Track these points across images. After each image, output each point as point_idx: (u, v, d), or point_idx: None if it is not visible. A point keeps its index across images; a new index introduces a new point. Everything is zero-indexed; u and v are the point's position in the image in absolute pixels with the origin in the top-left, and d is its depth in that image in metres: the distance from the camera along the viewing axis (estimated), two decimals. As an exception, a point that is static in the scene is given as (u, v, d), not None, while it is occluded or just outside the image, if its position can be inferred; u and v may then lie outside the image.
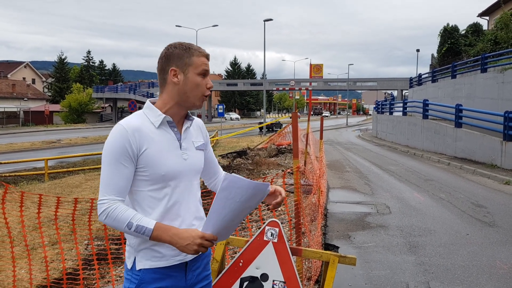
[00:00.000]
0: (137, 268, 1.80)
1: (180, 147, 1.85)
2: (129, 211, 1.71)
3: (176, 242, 1.70)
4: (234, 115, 74.52)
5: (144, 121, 1.80)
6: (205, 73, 1.83)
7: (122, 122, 1.77)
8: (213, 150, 2.27)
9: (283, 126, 28.23)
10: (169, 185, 1.80)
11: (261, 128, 35.78)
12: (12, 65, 70.85)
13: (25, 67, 69.54)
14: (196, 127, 2.01)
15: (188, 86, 1.81)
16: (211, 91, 1.90)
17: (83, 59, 78.97)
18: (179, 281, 1.86)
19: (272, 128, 37.86)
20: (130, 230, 1.68)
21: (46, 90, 72.01)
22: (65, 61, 71.28)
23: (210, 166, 2.10)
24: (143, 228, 1.68)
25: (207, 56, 1.86)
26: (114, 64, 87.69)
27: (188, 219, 1.85)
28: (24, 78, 66.49)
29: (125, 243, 1.92)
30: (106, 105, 63.80)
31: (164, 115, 1.81)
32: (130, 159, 1.73)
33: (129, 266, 1.84)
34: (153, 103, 1.88)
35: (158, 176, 1.77)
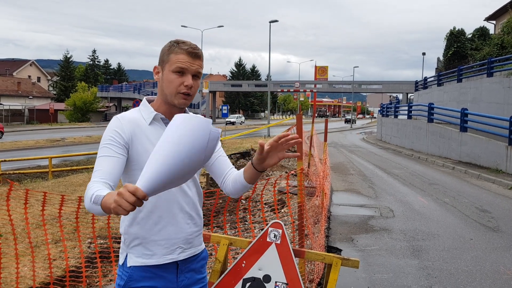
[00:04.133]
0: (128, 265, 1.79)
1: None
2: (97, 185, 1.57)
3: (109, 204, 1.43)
4: (241, 117, 63.23)
5: (139, 117, 1.82)
6: (180, 71, 1.77)
7: (118, 115, 1.82)
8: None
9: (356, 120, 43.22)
10: None
11: (347, 121, 47.46)
12: (18, 63, 71.20)
13: (30, 65, 69.87)
14: None
15: (164, 83, 1.81)
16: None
17: (89, 58, 79.26)
18: (170, 282, 1.82)
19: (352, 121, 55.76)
20: (91, 202, 1.49)
21: (51, 88, 72.27)
22: (70, 60, 71.50)
23: (216, 166, 1.98)
24: (99, 197, 1.47)
25: (190, 53, 1.78)
26: (119, 63, 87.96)
27: (178, 215, 1.81)
28: (29, 76, 66.78)
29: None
30: (111, 104, 63.97)
31: (156, 113, 1.82)
32: (122, 146, 1.73)
33: (120, 262, 1.84)
34: (151, 101, 1.90)
35: None
